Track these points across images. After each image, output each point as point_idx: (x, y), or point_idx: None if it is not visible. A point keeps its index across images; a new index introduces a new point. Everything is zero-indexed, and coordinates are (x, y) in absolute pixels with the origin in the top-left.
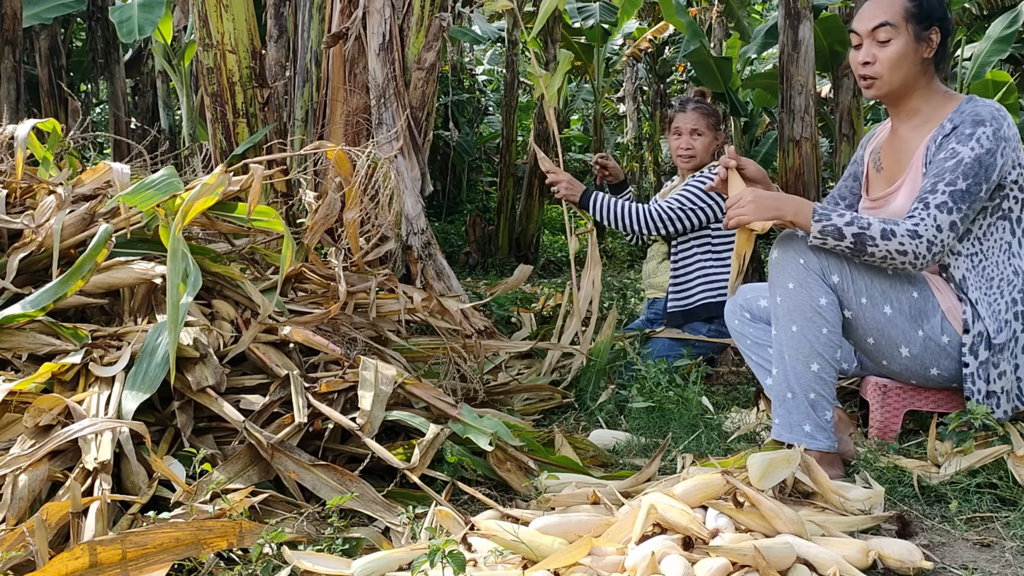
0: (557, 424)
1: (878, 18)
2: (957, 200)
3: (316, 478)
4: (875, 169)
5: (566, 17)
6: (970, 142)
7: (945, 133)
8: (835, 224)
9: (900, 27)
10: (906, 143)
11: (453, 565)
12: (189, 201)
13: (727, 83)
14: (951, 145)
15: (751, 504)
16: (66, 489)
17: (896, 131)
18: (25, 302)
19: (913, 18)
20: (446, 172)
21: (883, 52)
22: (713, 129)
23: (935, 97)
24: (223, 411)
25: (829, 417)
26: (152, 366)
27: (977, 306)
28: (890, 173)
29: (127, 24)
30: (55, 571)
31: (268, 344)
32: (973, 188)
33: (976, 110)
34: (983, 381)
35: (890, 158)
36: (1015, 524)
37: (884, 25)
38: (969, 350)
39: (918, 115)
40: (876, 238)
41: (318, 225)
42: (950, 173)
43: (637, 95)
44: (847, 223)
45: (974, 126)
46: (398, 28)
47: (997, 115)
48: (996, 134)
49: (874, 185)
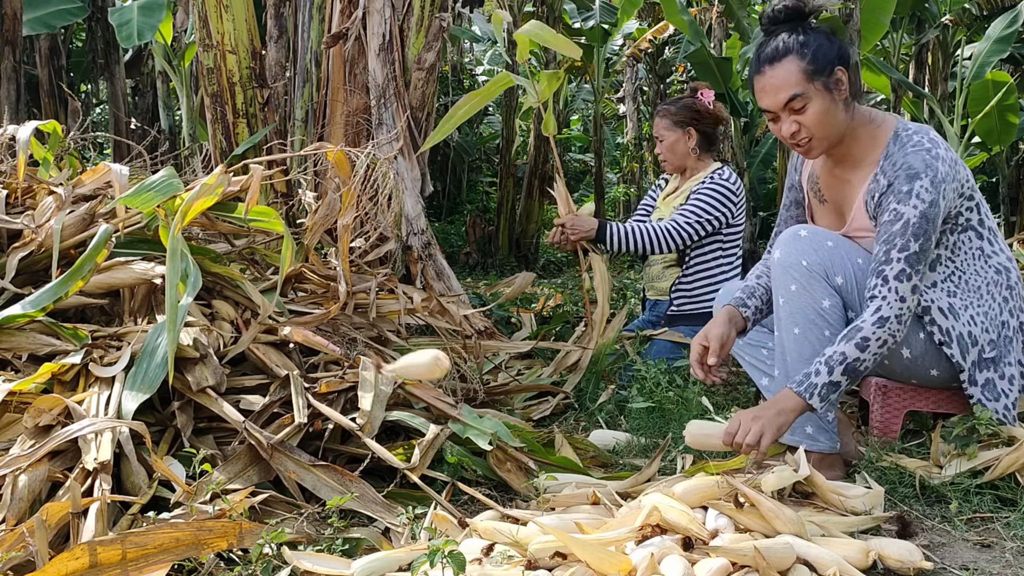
0: (557, 424)
1: (784, 94)
2: (913, 263)
3: (316, 478)
4: (817, 200)
5: (566, 17)
6: (911, 200)
7: (881, 190)
8: (822, 383)
9: (808, 90)
10: (844, 184)
11: (453, 565)
12: (188, 201)
13: (727, 83)
14: (892, 206)
15: (751, 504)
16: (66, 489)
17: (830, 167)
18: (25, 302)
19: (815, 75)
20: (446, 172)
21: (805, 118)
22: (675, 127)
23: (861, 134)
24: (223, 411)
25: (831, 418)
26: (152, 366)
27: (971, 327)
28: (836, 207)
29: (126, 28)
30: (55, 571)
31: (268, 344)
32: (925, 245)
33: (907, 160)
34: (994, 400)
35: (832, 194)
36: (1015, 525)
37: (794, 98)
38: (969, 381)
39: (849, 157)
40: (860, 356)
41: (317, 225)
42: (900, 238)
43: (637, 95)
44: (828, 372)
45: (910, 181)
46: (398, 28)
47: (928, 158)
48: (933, 182)
49: (820, 217)
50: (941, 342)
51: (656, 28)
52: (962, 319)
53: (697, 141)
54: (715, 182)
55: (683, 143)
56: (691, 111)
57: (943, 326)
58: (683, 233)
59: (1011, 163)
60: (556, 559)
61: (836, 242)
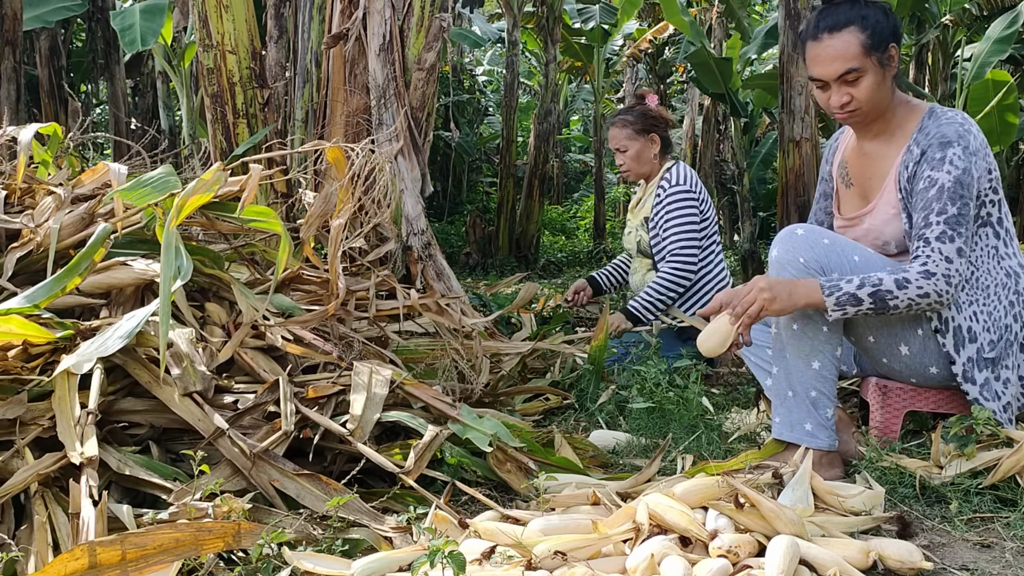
0: (557, 425)
1: (842, 66)
2: (954, 226)
3: (300, 487)
4: (844, 185)
5: (566, 18)
6: (944, 166)
7: (915, 159)
8: (847, 291)
9: (865, 65)
10: (875, 161)
11: (453, 566)
12: (184, 196)
13: (727, 83)
14: (926, 173)
15: (751, 505)
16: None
17: (862, 147)
18: (20, 297)
19: (873, 50)
20: (446, 173)
21: (857, 90)
22: (638, 136)
23: (898, 110)
24: (209, 418)
25: (830, 415)
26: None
27: (971, 323)
28: (862, 190)
29: (129, 33)
30: (55, 571)
31: (257, 349)
32: (963, 209)
33: (941, 130)
34: (992, 400)
35: (859, 175)
36: (1015, 525)
37: (849, 72)
38: (963, 378)
39: (884, 131)
40: (893, 290)
41: (313, 219)
42: (936, 202)
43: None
44: (858, 286)
45: (943, 148)
46: (398, 29)
47: (961, 131)
48: (966, 151)
49: (845, 202)
50: (937, 329)
51: (656, 28)
52: (964, 313)
53: (660, 146)
54: (668, 194)
55: (648, 150)
56: (649, 118)
57: (943, 314)
58: (687, 262)
59: (1011, 163)
60: (557, 559)
61: (832, 239)
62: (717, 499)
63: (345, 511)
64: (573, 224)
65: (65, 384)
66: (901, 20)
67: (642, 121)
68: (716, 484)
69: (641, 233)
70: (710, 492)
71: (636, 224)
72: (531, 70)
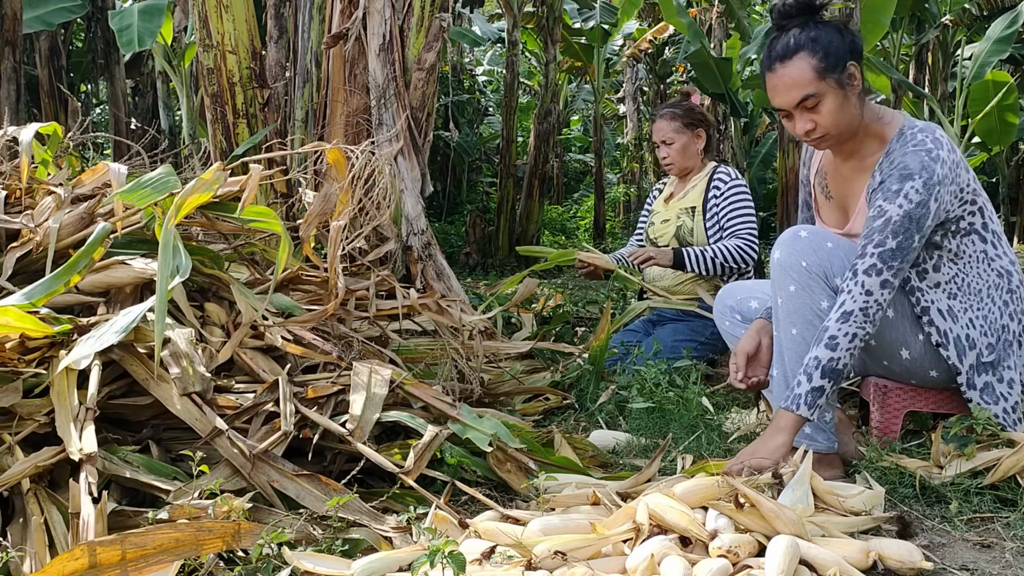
0: (557, 425)
1: (798, 94)
2: (887, 259)
3: (300, 488)
4: (823, 196)
5: (566, 18)
6: (897, 199)
7: (873, 186)
8: (805, 391)
9: (820, 89)
10: (849, 181)
11: (453, 566)
12: (183, 195)
13: (727, 84)
14: (878, 203)
15: (751, 505)
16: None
17: (838, 166)
18: (18, 295)
19: (827, 72)
20: (446, 173)
21: (819, 116)
22: (687, 129)
23: (869, 131)
24: (210, 419)
25: (829, 418)
26: (108, 332)
27: (969, 330)
28: (841, 205)
29: (127, 33)
30: (55, 571)
31: (256, 349)
32: (904, 243)
33: (904, 160)
34: (993, 403)
35: (838, 191)
36: (1015, 525)
37: (807, 98)
38: (967, 385)
39: (856, 154)
40: (832, 355)
41: (313, 219)
42: (878, 233)
43: (637, 96)
44: (808, 378)
45: (901, 181)
46: (398, 29)
47: (926, 160)
48: (927, 185)
49: (825, 212)
50: (938, 343)
51: (656, 28)
52: (960, 321)
53: (704, 143)
54: (730, 186)
55: (694, 145)
56: (696, 113)
57: (941, 328)
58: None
59: (1011, 163)
60: (557, 559)
61: (836, 243)
62: (717, 499)
63: (345, 511)
64: (573, 224)
65: (64, 379)
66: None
67: (690, 116)
68: (716, 484)
69: (684, 220)
70: (710, 492)
71: (676, 213)
72: (531, 70)
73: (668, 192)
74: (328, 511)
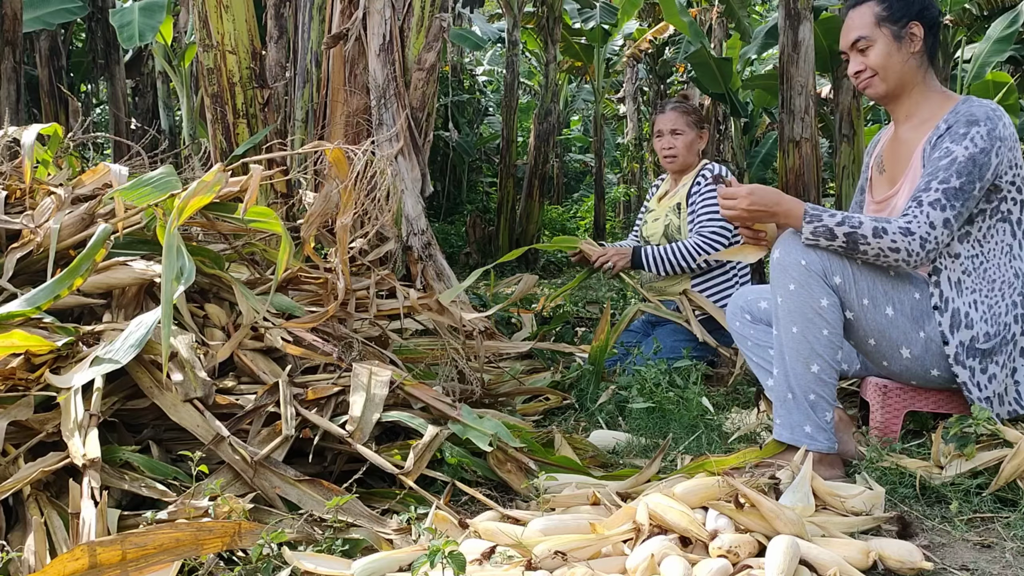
0: (557, 425)
1: (852, 35)
2: (950, 197)
3: (301, 493)
4: (878, 172)
5: (566, 18)
6: (964, 141)
7: (939, 133)
8: (826, 224)
9: (875, 34)
10: (906, 144)
11: (453, 566)
12: (185, 198)
13: (727, 84)
14: (945, 144)
15: (751, 505)
16: None
17: (897, 134)
18: (21, 300)
19: (886, 21)
20: (446, 173)
21: (867, 59)
22: (694, 127)
23: (933, 97)
24: (212, 426)
25: (829, 418)
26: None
27: (969, 309)
28: (892, 174)
29: (127, 29)
30: (55, 571)
31: (256, 351)
32: (967, 186)
33: (971, 110)
34: (976, 388)
35: (892, 160)
36: (1015, 525)
37: (859, 40)
38: (955, 360)
39: (916, 115)
40: (868, 236)
41: (313, 218)
42: (944, 171)
43: (637, 96)
44: (838, 223)
45: (968, 125)
46: (398, 29)
47: (992, 115)
48: (991, 133)
49: (877, 187)
50: (936, 306)
51: (656, 28)
52: (965, 298)
53: (703, 146)
54: (708, 182)
55: (697, 143)
56: (701, 115)
57: (945, 294)
58: (711, 242)
59: None
60: (557, 559)
61: None
62: (717, 499)
63: (345, 513)
64: (573, 224)
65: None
66: None
67: (698, 115)
68: (716, 484)
69: (671, 217)
70: (710, 492)
71: (665, 211)
72: (531, 70)
73: (663, 190)
74: (328, 512)
